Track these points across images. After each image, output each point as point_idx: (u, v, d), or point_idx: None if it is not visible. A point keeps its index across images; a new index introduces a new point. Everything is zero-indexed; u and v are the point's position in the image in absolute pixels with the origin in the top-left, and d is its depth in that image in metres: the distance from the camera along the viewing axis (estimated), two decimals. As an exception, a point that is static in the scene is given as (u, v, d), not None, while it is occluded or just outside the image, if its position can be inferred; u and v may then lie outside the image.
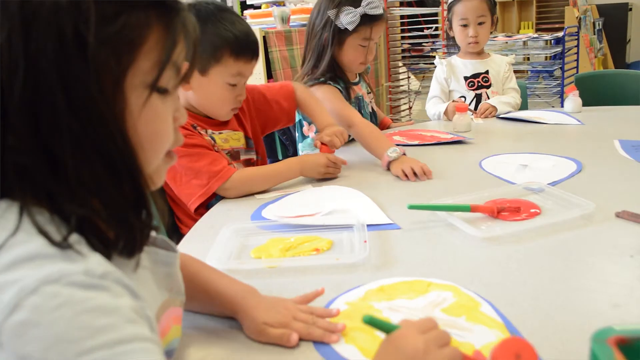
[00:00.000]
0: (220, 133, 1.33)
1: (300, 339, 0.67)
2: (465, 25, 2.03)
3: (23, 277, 0.39)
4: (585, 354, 0.47)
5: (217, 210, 1.18)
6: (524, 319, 0.68)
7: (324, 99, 1.61)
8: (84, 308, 0.40)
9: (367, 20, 1.57)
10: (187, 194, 1.22)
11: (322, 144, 1.39)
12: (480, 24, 2.03)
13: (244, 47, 1.24)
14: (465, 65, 2.11)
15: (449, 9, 2.08)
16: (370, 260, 0.87)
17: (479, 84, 2.09)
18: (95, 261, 0.43)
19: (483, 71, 2.10)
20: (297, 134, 1.86)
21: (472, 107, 2.07)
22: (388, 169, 1.37)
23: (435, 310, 0.71)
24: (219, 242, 0.95)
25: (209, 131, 1.31)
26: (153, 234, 0.57)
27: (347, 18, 1.56)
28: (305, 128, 1.78)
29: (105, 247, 0.46)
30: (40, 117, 0.43)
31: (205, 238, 1.01)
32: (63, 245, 0.42)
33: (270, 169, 1.33)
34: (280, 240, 0.96)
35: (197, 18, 1.20)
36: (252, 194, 1.25)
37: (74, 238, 0.44)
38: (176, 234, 1.33)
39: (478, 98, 2.10)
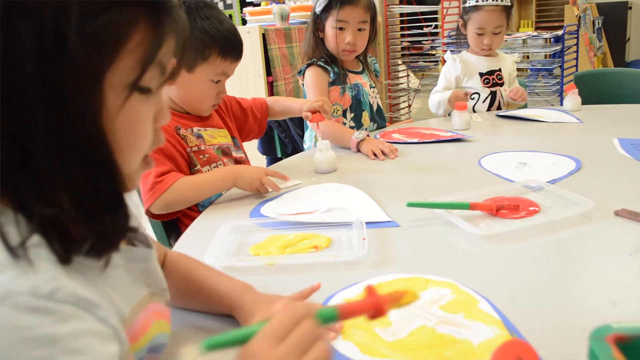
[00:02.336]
0: (205, 130, 1.34)
1: None
2: (481, 34, 2.02)
3: None
4: (583, 351, 0.47)
5: (216, 207, 1.18)
6: (523, 317, 0.68)
7: (308, 85, 1.73)
8: (21, 337, 0.38)
9: (335, 2, 1.67)
10: (142, 192, 1.19)
11: (313, 113, 1.41)
12: (496, 33, 2.03)
13: (232, 47, 1.25)
14: (479, 62, 2.09)
15: (465, 10, 2.04)
16: (369, 258, 0.87)
17: (494, 81, 2.08)
18: (46, 275, 0.41)
19: (497, 68, 2.09)
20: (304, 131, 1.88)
21: (486, 104, 2.06)
22: (358, 150, 1.54)
23: (433, 307, 0.71)
24: (217, 239, 0.95)
25: (195, 128, 1.31)
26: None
27: (320, 2, 1.69)
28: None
29: (67, 249, 0.44)
30: (14, 111, 0.41)
31: (203, 235, 1.01)
32: (17, 252, 0.41)
33: (204, 178, 1.23)
34: (279, 238, 0.96)
35: (184, 8, 1.20)
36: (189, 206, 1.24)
37: (34, 240, 0.42)
38: (175, 231, 1.33)
39: (493, 95, 2.08)
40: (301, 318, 0.48)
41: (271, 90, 2.93)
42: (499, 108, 2.10)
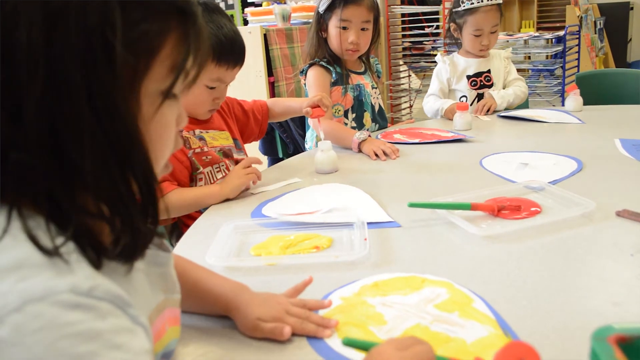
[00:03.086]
0: (207, 132, 1.33)
1: (294, 334, 0.67)
2: (479, 35, 2.02)
3: (8, 290, 0.39)
4: (585, 352, 0.47)
5: (217, 207, 1.18)
6: (524, 317, 0.68)
7: (310, 85, 1.73)
8: (65, 333, 0.39)
9: (339, 1, 1.68)
10: None
11: (313, 107, 1.42)
12: (492, 32, 2.03)
13: (227, 53, 1.23)
14: (468, 64, 2.10)
15: (459, 14, 2.04)
16: (370, 258, 0.87)
17: (482, 83, 2.08)
18: (83, 274, 0.42)
19: (485, 70, 2.09)
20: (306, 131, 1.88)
21: (473, 107, 2.07)
22: (359, 150, 1.54)
23: (428, 306, 0.71)
24: (218, 240, 0.95)
25: (197, 131, 1.31)
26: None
27: (323, 1, 1.70)
28: (309, 119, 1.80)
29: (99, 253, 0.45)
30: (60, 121, 0.42)
31: (205, 235, 1.01)
32: (51, 252, 0.41)
33: (195, 193, 1.21)
34: (280, 238, 0.96)
35: None
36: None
37: (66, 245, 0.43)
38: (176, 231, 1.33)
39: (480, 97, 2.09)
40: (422, 341, 0.57)
41: (273, 90, 2.94)
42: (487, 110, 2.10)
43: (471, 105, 2.06)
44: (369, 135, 1.57)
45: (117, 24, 0.43)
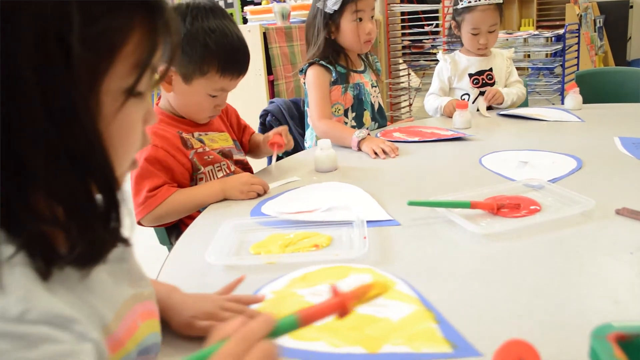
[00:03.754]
0: (206, 134, 1.33)
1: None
2: (476, 34, 2.02)
3: None
4: (584, 350, 0.47)
5: (217, 206, 1.18)
6: (523, 315, 0.68)
7: (309, 85, 1.72)
8: None
9: None
10: (135, 204, 1.20)
11: (271, 142, 1.40)
12: (491, 32, 2.03)
13: (232, 64, 1.22)
14: (470, 62, 2.10)
15: (458, 12, 2.04)
16: (369, 257, 0.87)
17: (484, 81, 2.08)
18: (15, 296, 0.39)
19: (487, 68, 2.09)
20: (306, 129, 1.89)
21: (475, 105, 2.07)
22: (359, 149, 1.54)
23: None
24: (218, 238, 0.95)
25: (196, 133, 1.30)
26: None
27: (332, 1, 1.67)
28: (309, 118, 1.80)
29: (50, 262, 0.42)
30: (10, 119, 0.39)
31: (204, 234, 1.01)
32: None
33: (194, 193, 1.21)
34: (280, 237, 0.96)
35: (189, 18, 1.17)
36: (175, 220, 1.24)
37: (5, 255, 0.40)
38: (176, 230, 1.33)
39: (482, 95, 2.09)
40: (256, 340, 0.47)
41: (272, 89, 2.94)
42: (489, 108, 2.10)
43: (473, 103, 2.06)
44: (368, 134, 1.57)
45: (75, 20, 0.40)
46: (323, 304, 0.52)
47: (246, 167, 1.43)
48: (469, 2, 1.97)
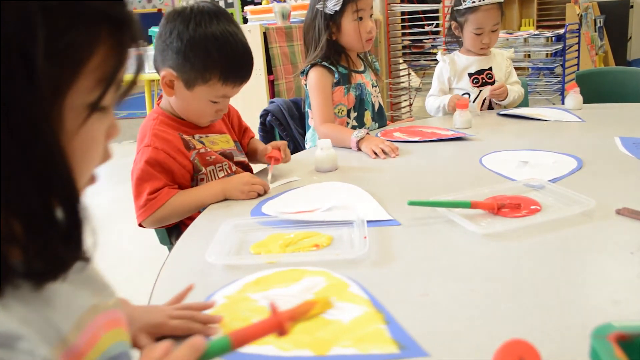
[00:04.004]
0: (207, 136, 1.32)
1: (183, 336, 0.67)
2: (479, 34, 2.02)
3: None
4: (584, 350, 0.47)
5: (217, 206, 1.18)
6: (524, 315, 0.68)
7: (312, 87, 1.72)
8: None
9: None
10: (136, 206, 1.20)
11: (269, 156, 1.38)
12: (493, 31, 2.03)
13: (235, 73, 1.21)
14: (469, 62, 2.10)
15: (461, 13, 2.03)
16: (370, 257, 0.87)
17: (483, 80, 2.08)
18: None
19: (487, 68, 2.09)
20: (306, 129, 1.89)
21: (475, 104, 2.07)
22: (358, 149, 1.54)
23: (308, 294, 0.75)
24: (218, 238, 0.95)
25: (197, 136, 1.30)
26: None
27: (332, 2, 1.67)
28: (310, 119, 1.80)
29: (2, 278, 0.41)
30: None
31: (204, 234, 1.01)
32: None
33: (195, 194, 1.21)
34: (280, 236, 0.96)
35: (193, 24, 1.16)
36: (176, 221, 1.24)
37: None
38: (176, 230, 1.33)
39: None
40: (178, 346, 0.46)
41: (272, 89, 2.94)
42: (490, 107, 2.10)
43: (473, 102, 2.06)
44: (367, 133, 1.56)
45: (39, 33, 0.39)
46: (259, 323, 0.52)
47: (247, 168, 1.43)
48: (473, 2, 1.97)
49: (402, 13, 4.75)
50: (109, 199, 3.50)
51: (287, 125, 1.96)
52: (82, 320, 0.51)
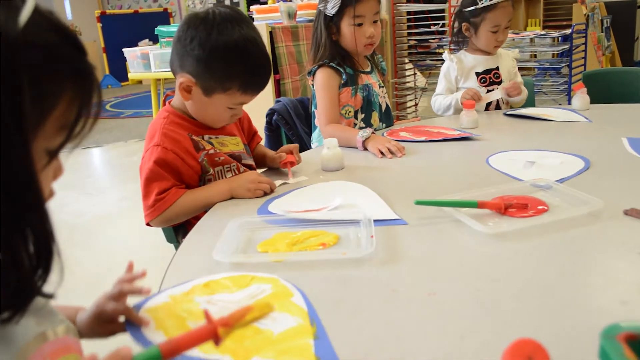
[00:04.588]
0: (216, 137, 1.33)
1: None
2: (496, 32, 2.02)
3: None
4: (592, 350, 0.47)
5: (224, 204, 1.18)
6: (531, 316, 0.68)
7: (318, 88, 1.72)
8: None
9: (348, 0, 1.66)
10: (144, 206, 1.21)
11: (284, 162, 1.37)
12: (506, 27, 2.04)
13: (255, 83, 1.22)
14: (477, 61, 2.09)
15: (476, 13, 2.02)
16: (377, 256, 0.87)
17: (491, 80, 2.08)
18: None
19: (494, 67, 2.09)
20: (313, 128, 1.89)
21: (484, 104, 2.06)
22: (365, 149, 1.54)
23: (250, 302, 0.74)
24: (225, 236, 0.95)
25: (206, 136, 1.30)
26: None
27: (331, 4, 1.67)
28: (316, 120, 1.80)
29: None
30: None
31: (211, 232, 1.01)
32: None
33: (203, 194, 1.22)
34: (287, 235, 0.96)
35: (216, 31, 1.16)
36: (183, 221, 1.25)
37: None
38: (182, 229, 1.33)
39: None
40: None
41: (278, 88, 2.94)
42: (497, 107, 2.10)
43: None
44: (373, 132, 1.56)
45: (24, 84, 0.44)
46: (192, 332, 0.51)
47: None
48: (490, 0, 1.97)
49: (408, 13, 4.75)
50: (115, 197, 3.52)
51: (293, 124, 1.96)
52: (26, 350, 0.51)
